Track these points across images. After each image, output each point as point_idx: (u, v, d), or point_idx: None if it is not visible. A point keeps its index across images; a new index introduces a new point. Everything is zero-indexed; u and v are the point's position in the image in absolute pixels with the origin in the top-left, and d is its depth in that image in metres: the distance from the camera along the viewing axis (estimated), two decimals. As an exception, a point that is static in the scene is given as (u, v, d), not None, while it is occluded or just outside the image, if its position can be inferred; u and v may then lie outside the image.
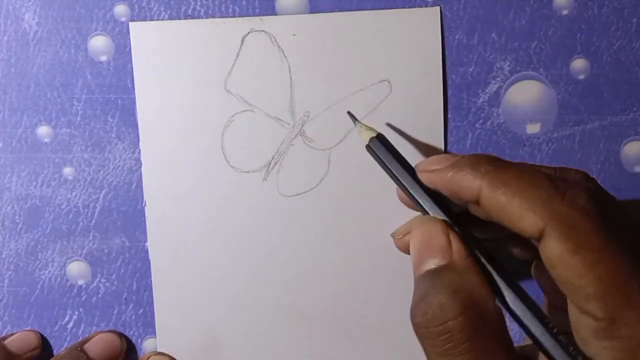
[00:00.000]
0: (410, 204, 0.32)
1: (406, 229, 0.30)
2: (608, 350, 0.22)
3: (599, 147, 0.36)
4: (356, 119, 0.33)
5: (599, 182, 0.28)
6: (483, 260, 0.26)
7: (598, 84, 0.36)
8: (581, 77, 0.36)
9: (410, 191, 0.30)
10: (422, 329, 0.25)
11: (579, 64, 0.36)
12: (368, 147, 0.32)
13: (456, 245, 0.26)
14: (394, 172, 0.31)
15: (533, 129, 0.36)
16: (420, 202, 0.30)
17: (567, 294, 0.23)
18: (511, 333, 0.26)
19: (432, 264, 0.26)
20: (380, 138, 0.32)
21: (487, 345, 0.24)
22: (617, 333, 0.22)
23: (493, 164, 0.26)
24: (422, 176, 0.29)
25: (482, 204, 0.26)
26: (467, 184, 0.26)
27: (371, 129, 0.32)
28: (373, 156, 0.32)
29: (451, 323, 0.24)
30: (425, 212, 0.29)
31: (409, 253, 0.28)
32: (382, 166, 0.31)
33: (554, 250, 0.23)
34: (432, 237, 0.27)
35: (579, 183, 0.24)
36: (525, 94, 0.36)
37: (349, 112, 0.34)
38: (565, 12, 0.36)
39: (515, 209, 0.24)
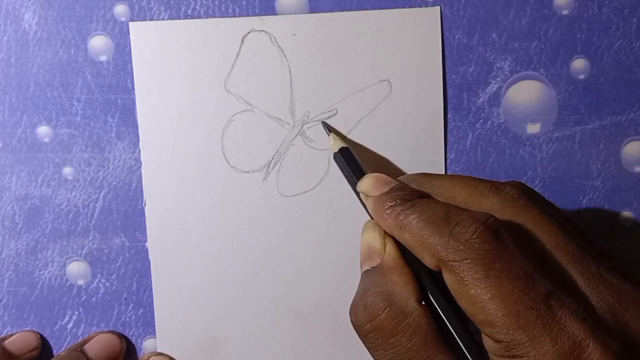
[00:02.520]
0: None
1: None
2: None
3: (599, 147, 0.36)
4: (330, 130, 0.35)
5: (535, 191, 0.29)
6: (416, 263, 0.28)
7: (598, 84, 0.36)
8: (581, 77, 0.36)
9: (362, 203, 0.32)
10: (356, 328, 0.28)
11: (579, 64, 0.36)
12: (335, 156, 0.34)
13: (389, 249, 0.29)
14: (353, 184, 0.32)
15: (533, 129, 0.36)
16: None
17: (472, 320, 0.25)
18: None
19: (367, 265, 0.29)
20: (346, 150, 0.34)
21: (412, 340, 0.26)
22: (512, 353, 0.23)
23: (403, 205, 0.28)
24: (360, 195, 0.31)
25: (399, 241, 0.28)
26: (383, 223, 0.28)
27: (341, 140, 0.34)
28: (338, 165, 0.34)
29: (374, 321, 0.27)
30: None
31: None
32: (345, 176, 0.34)
33: (448, 282, 0.25)
34: (370, 241, 0.29)
35: (471, 216, 0.26)
36: (525, 94, 0.36)
37: (323, 122, 0.35)
38: (565, 12, 0.36)
39: (417, 248, 0.26)
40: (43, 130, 0.36)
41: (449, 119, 0.36)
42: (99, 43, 0.36)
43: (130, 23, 0.36)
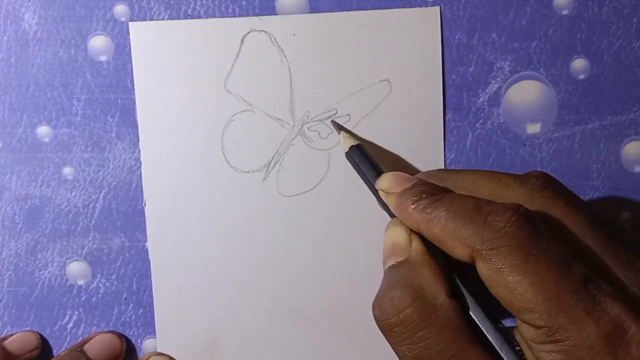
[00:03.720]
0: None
1: None
2: (547, 353, 0.24)
3: (599, 147, 0.36)
4: (341, 128, 0.35)
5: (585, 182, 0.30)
6: (441, 258, 0.28)
7: (598, 84, 0.36)
8: (581, 77, 0.36)
9: (379, 201, 0.32)
10: (380, 322, 0.27)
11: (579, 64, 0.36)
12: (347, 154, 0.33)
13: (415, 244, 0.29)
14: (368, 181, 0.32)
15: (533, 129, 0.36)
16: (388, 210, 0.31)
17: (507, 308, 0.25)
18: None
19: (392, 261, 0.29)
20: (360, 148, 0.33)
21: (442, 334, 0.26)
22: (554, 337, 0.24)
23: (429, 199, 0.28)
24: (380, 193, 0.31)
25: (425, 236, 0.28)
26: (409, 219, 0.28)
27: (353, 138, 0.34)
28: (351, 163, 0.33)
29: (402, 315, 0.26)
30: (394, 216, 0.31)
31: None
32: (359, 174, 0.33)
33: (484, 272, 0.25)
34: (395, 237, 0.29)
35: (504, 206, 0.26)
36: (525, 94, 0.36)
37: (333, 121, 0.35)
38: (565, 12, 0.36)
39: (448, 240, 0.27)
40: (43, 130, 0.36)
41: (449, 119, 0.36)
42: (99, 43, 0.36)
43: (130, 23, 0.36)
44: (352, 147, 0.33)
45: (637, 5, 0.36)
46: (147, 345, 0.37)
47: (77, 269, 0.37)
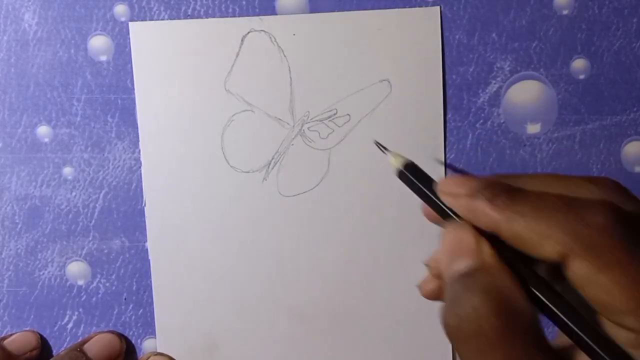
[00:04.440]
0: (437, 220, 0.31)
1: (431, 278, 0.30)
2: None
3: (599, 147, 0.36)
4: (386, 150, 0.31)
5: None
6: (513, 260, 0.26)
7: (598, 84, 0.36)
8: (581, 77, 0.36)
9: (437, 211, 0.29)
10: (456, 332, 0.25)
11: (579, 64, 0.36)
12: (401, 173, 0.30)
13: (485, 246, 0.26)
14: (426, 193, 0.29)
15: (533, 129, 0.36)
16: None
17: (599, 310, 0.24)
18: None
19: (462, 265, 0.27)
20: (411, 167, 0.30)
21: (523, 344, 0.24)
22: None
23: (508, 195, 0.26)
24: (443, 198, 0.29)
25: (502, 235, 0.26)
26: (484, 218, 0.26)
27: (401, 156, 0.31)
28: (405, 182, 0.30)
29: (485, 324, 0.24)
30: None
31: (433, 299, 0.29)
32: (413, 191, 0.30)
33: (579, 271, 0.24)
34: (461, 239, 0.27)
35: (595, 200, 0.25)
36: (525, 94, 0.36)
37: (376, 142, 0.32)
38: (565, 12, 0.36)
39: (534, 239, 0.25)
40: (43, 130, 0.36)
41: (449, 119, 0.36)
42: (99, 43, 0.36)
43: (130, 23, 0.36)
44: (406, 166, 0.30)
45: (637, 5, 0.36)
46: (147, 345, 0.37)
47: (77, 269, 0.37)
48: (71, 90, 0.36)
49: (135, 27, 0.36)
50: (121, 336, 0.37)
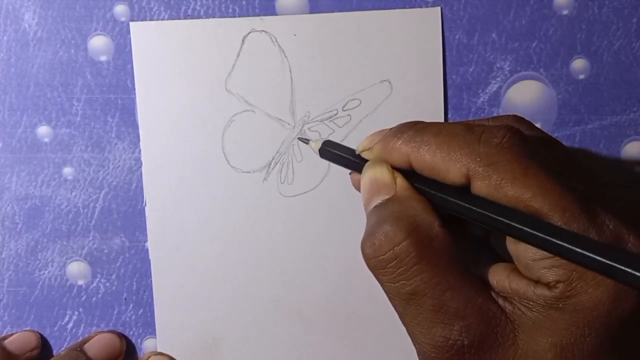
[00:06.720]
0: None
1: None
2: (549, 268, 0.23)
3: (599, 147, 0.36)
4: (308, 140, 0.32)
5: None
6: (429, 189, 0.27)
7: (598, 84, 0.36)
8: (581, 77, 0.36)
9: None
10: (372, 260, 0.26)
11: (579, 64, 0.36)
12: (322, 151, 0.31)
13: (400, 180, 0.27)
14: (350, 160, 0.30)
15: (533, 129, 0.36)
16: None
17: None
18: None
19: (378, 199, 0.28)
20: (327, 143, 0.31)
21: (438, 265, 0.25)
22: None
23: (414, 128, 0.27)
24: (363, 154, 0.30)
25: (414, 167, 0.27)
26: (396, 154, 0.27)
27: (320, 139, 0.32)
28: (329, 158, 0.31)
29: (397, 248, 0.25)
30: None
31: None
32: (339, 163, 0.31)
33: (482, 190, 0.24)
34: (378, 176, 0.28)
35: (496, 126, 0.26)
36: (525, 94, 0.36)
37: (299, 138, 0.35)
38: (565, 12, 0.36)
39: (440, 163, 0.26)
40: (43, 130, 0.36)
41: (449, 119, 0.36)
42: (99, 43, 0.36)
43: (130, 23, 0.36)
44: (323, 144, 0.31)
45: (637, 5, 0.36)
46: (147, 345, 0.37)
47: (77, 269, 0.37)
48: (71, 90, 0.36)
49: (135, 27, 0.36)
50: (121, 336, 0.37)
